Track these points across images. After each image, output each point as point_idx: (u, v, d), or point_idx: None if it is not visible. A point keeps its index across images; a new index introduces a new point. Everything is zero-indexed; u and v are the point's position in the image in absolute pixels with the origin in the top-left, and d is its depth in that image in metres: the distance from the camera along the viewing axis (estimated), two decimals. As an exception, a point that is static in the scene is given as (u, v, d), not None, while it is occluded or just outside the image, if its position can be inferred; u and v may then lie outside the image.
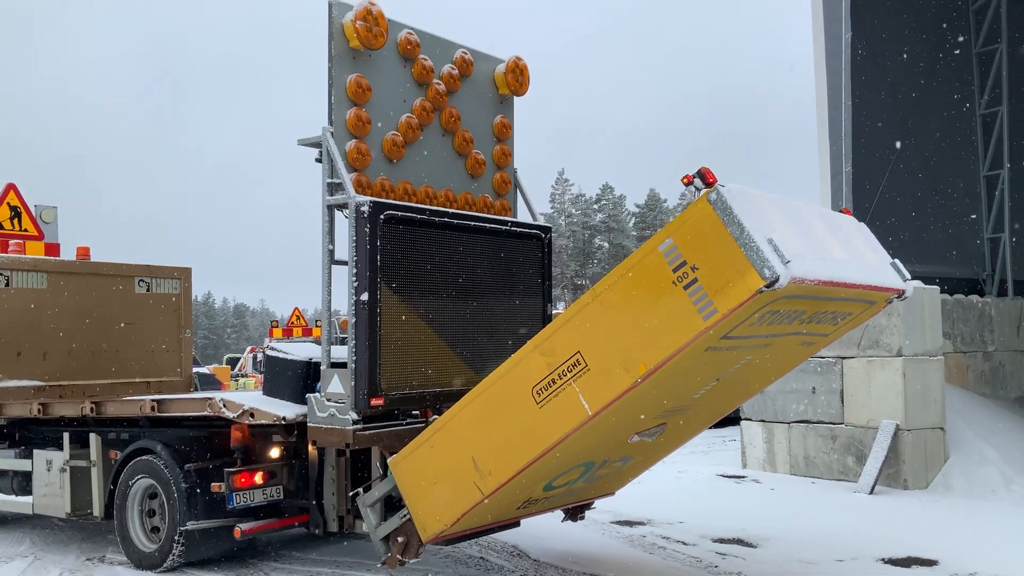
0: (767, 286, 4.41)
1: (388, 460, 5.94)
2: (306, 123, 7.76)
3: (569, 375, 5.02)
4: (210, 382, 22.04)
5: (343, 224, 6.36)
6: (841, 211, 6.09)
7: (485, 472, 5.36)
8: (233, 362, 36.71)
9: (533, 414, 5.15)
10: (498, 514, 6.04)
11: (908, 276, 5.84)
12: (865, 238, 5.87)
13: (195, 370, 19.87)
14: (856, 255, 5.44)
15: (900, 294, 5.75)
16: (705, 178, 4.64)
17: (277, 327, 26.60)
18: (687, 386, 5.42)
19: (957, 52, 14.88)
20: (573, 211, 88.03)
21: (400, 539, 5.95)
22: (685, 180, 4.74)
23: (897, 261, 5.89)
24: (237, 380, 29.64)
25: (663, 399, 5.37)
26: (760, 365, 5.80)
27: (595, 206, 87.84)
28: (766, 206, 4.81)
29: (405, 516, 5.86)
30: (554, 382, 5.08)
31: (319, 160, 6.44)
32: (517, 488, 5.52)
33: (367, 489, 6.22)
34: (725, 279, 4.53)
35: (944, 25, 14.64)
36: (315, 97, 6.48)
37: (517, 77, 7.65)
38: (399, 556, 5.97)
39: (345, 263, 6.27)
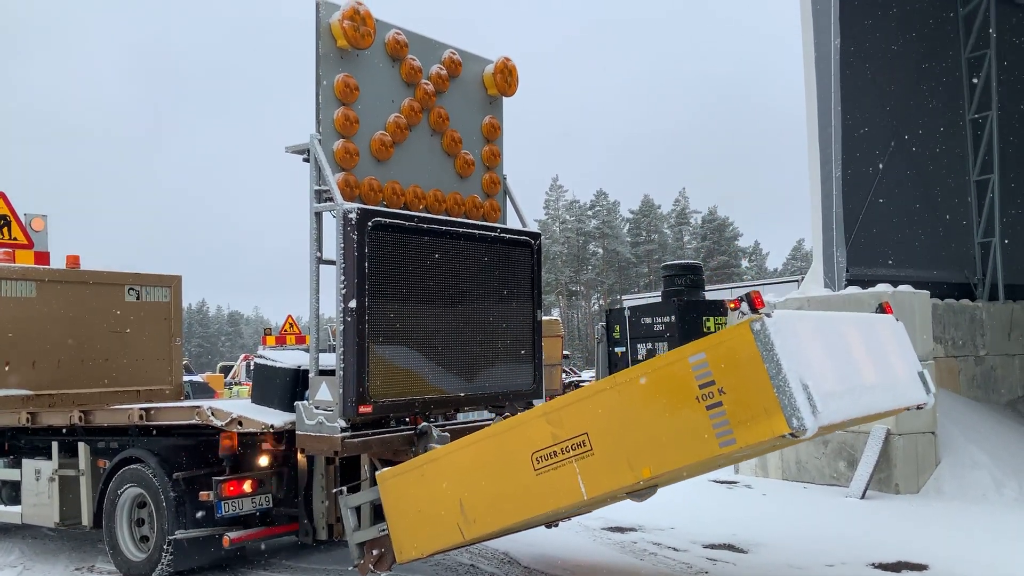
0: (791, 434, 4.33)
1: (377, 474, 5.92)
2: (300, 128, 7.76)
3: (572, 453, 4.97)
4: (203, 390, 22.00)
5: (332, 230, 6.35)
6: (883, 307, 6.04)
7: (470, 519, 5.35)
8: (227, 370, 36.63)
9: (529, 478, 5.12)
10: (475, 543, 6.11)
11: (932, 388, 5.83)
12: (898, 341, 5.82)
13: (188, 378, 19.89)
14: (887, 373, 5.36)
15: (920, 406, 5.73)
16: (753, 303, 4.53)
17: (270, 335, 26.48)
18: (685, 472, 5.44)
19: (946, 57, 14.93)
20: (567, 217, 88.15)
21: (375, 551, 5.94)
22: (733, 305, 4.66)
23: (925, 371, 5.86)
24: (231, 388, 29.60)
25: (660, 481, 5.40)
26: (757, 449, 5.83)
27: (589, 212, 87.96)
28: (807, 335, 4.72)
29: (384, 530, 5.85)
30: (555, 455, 5.03)
31: (307, 160, 6.43)
32: (499, 533, 5.55)
33: (352, 491, 6.19)
34: (751, 413, 4.41)
35: (933, 30, 14.68)
36: (309, 102, 6.48)
37: (506, 78, 7.65)
38: (371, 566, 5.95)
39: (333, 262, 6.25)
